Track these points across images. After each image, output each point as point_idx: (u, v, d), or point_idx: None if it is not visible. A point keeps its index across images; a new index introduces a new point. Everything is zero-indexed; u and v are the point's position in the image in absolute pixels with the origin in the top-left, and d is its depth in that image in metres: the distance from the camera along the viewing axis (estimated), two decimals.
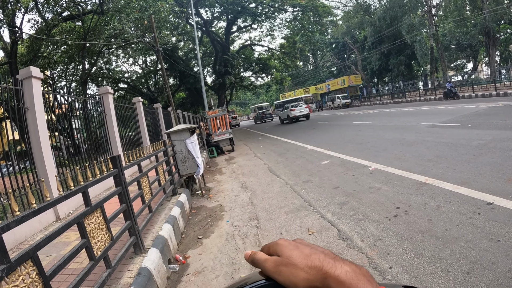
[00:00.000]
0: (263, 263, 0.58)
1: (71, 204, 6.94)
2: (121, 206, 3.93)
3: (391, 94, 40.46)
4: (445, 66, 36.39)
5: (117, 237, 3.54)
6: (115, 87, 36.75)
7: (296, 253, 0.56)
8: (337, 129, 17.25)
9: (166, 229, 4.94)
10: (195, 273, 4.14)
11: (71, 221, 2.75)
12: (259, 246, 4.56)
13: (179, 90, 43.01)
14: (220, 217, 6.26)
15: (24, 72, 6.59)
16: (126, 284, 3.29)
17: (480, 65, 47.07)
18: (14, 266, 1.92)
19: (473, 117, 12.21)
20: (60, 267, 2.40)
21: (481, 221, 3.87)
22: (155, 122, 17.72)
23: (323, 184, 7.08)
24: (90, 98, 9.97)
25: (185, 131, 8.09)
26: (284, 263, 0.55)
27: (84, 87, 24.18)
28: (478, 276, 2.90)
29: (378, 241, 3.94)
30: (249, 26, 41.86)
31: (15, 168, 6.04)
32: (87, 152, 9.81)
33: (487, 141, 7.79)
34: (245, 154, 14.83)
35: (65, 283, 3.15)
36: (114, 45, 26.36)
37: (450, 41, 41.81)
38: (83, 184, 3.11)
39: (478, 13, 32.61)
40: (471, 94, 24.06)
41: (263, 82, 50.74)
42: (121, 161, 4.12)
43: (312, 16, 38.97)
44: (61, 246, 4.79)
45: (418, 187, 5.60)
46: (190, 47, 42.35)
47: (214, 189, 8.76)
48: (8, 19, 17.94)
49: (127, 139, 12.70)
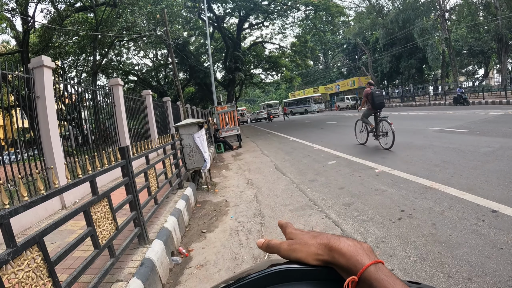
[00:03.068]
0: (279, 246, 0.65)
1: (77, 193, 7.01)
2: (128, 196, 3.97)
3: (401, 97, 40.26)
4: (456, 71, 36.10)
5: (122, 227, 3.58)
6: (125, 79, 36.89)
7: (307, 235, 0.64)
8: (345, 130, 17.19)
9: (170, 222, 4.97)
10: (198, 266, 4.17)
11: (78, 209, 2.78)
12: None
13: (188, 85, 43.03)
14: (224, 212, 6.29)
15: (36, 61, 6.64)
16: (129, 273, 3.32)
17: (492, 72, 46.57)
18: (20, 250, 1.95)
19: (482, 124, 12.12)
20: (65, 254, 2.43)
21: (485, 228, 3.86)
22: (164, 115, 17.78)
23: (329, 184, 7.09)
24: (100, 89, 10.02)
25: (193, 125, 8.12)
26: (298, 243, 0.62)
27: (94, 78, 24.33)
28: (479, 283, 2.89)
29: (381, 243, 3.95)
30: (261, 23, 41.70)
31: (23, 156, 6.10)
32: (95, 143, 9.88)
33: (495, 149, 7.74)
34: (252, 151, 14.85)
35: (69, 270, 3.19)
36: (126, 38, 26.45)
37: (462, 47, 41.41)
38: (91, 173, 3.15)
39: (491, 19, 32.30)
40: (481, 100, 23.88)
41: (272, 80, 50.61)
42: (129, 152, 4.16)
43: (325, 16, 38.73)
44: (66, 234, 4.84)
45: (424, 191, 5.58)
46: (201, 42, 42.32)
47: (220, 184, 8.80)
48: (21, 8, 18.05)
49: (135, 131, 12.77)
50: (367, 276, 0.52)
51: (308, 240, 0.62)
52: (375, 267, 0.52)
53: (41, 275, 2.11)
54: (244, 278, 0.59)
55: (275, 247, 0.65)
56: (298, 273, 0.59)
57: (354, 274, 0.53)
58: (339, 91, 54.52)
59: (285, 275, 0.58)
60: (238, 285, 0.59)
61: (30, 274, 2.01)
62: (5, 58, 19.62)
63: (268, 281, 0.58)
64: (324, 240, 0.60)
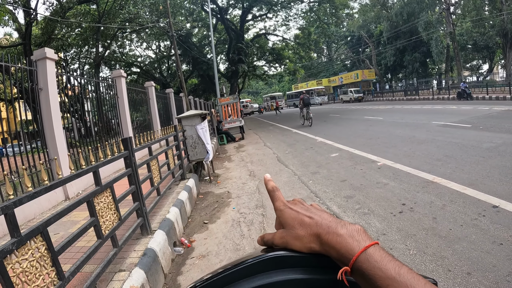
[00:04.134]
0: (271, 240, 0.65)
1: (80, 185, 7.05)
2: (130, 187, 4.00)
3: (404, 91, 40.05)
4: (460, 66, 35.79)
5: (125, 218, 3.61)
6: (128, 71, 36.80)
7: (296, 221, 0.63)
8: (347, 123, 17.19)
9: (173, 213, 5.01)
10: (200, 257, 4.21)
11: (81, 199, 2.81)
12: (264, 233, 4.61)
13: (191, 76, 42.95)
14: (227, 204, 6.32)
15: (39, 53, 6.64)
16: (131, 263, 3.36)
17: (496, 67, 46.24)
18: (24, 240, 1.98)
19: (485, 119, 12.08)
20: (68, 244, 2.46)
21: (486, 223, 3.87)
22: (167, 107, 17.77)
23: (331, 176, 7.11)
24: (103, 80, 10.03)
25: (196, 117, 8.12)
26: (289, 235, 0.62)
27: (97, 70, 24.27)
28: (478, 277, 2.92)
29: (382, 236, 3.97)
30: (264, 15, 41.44)
31: (26, 148, 6.13)
32: (98, 134, 9.91)
33: (497, 144, 7.73)
34: (254, 143, 14.87)
35: (72, 260, 3.22)
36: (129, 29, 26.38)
37: (466, 41, 41.05)
38: (94, 163, 3.17)
39: (496, 14, 32.00)
40: (485, 96, 23.73)
41: (276, 72, 50.50)
42: (132, 143, 4.18)
43: (329, 8, 38.48)
44: (69, 224, 4.88)
45: (425, 185, 5.60)
46: (204, 34, 42.14)
47: (222, 176, 8.83)
48: (23, 0, 17.97)
49: (138, 123, 12.79)
50: (358, 266, 0.52)
51: (299, 231, 0.61)
52: (365, 255, 0.52)
53: (44, 265, 2.14)
54: (241, 263, 0.61)
55: (269, 242, 0.66)
56: (294, 259, 0.60)
57: (347, 264, 0.54)
58: (343, 83, 54.31)
59: (280, 260, 0.60)
60: (234, 270, 0.61)
61: (34, 263, 2.04)
62: (8, 51, 19.60)
63: (264, 266, 0.60)
64: (314, 230, 0.59)
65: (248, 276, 0.60)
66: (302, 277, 0.59)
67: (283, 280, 0.59)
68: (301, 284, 0.58)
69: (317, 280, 0.59)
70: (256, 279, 0.59)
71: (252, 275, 0.60)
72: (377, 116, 18.64)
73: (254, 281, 0.59)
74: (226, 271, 0.61)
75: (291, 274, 0.59)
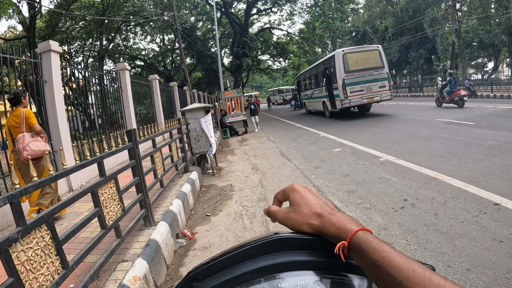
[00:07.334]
0: (276, 212, 0.70)
1: (84, 176, 7.10)
2: (134, 179, 4.03)
3: (409, 87, 39.84)
4: (465, 63, 35.54)
5: (129, 209, 3.65)
6: (132, 64, 36.78)
7: (303, 202, 0.66)
8: (351, 118, 17.15)
9: (176, 205, 5.05)
10: (202, 248, 4.25)
11: (86, 190, 2.84)
12: (266, 226, 4.65)
13: (195, 70, 42.87)
14: (229, 197, 6.36)
15: (43, 46, 6.67)
16: (134, 254, 3.40)
17: (501, 66, 45.94)
18: (30, 228, 2.01)
19: (489, 117, 12.03)
20: (72, 233, 2.50)
21: (486, 221, 3.89)
22: (170, 100, 17.81)
23: (334, 171, 7.13)
24: (107, 73, 10.05)
25: (200, 110, 8.14)
26: (293, 211, 0.66)
27: (101, 63, 24.32)
28: (478, 274, 2.93)
29: (383, 231, 3.99)
30: (269, 9, 41.24)
31: None
32: (102, 127, 9.95)
33: (500, 142, 7.71)
34: (258, 137, 14.90)
35: (76, 251, 3.26)
36: (133, 22, 26.35)
37: (472, 38, 40.74)
38: (99, 155, 3.20)
39: (503, 12, 31.71)
40: (490, 94, 23.54)
41: (280, 66, 50.32)
42: (136, 135, 4.21)
43: (334, 3, 38.32)
44: (72, 215, 4.93)
45: (427, 181, 5.60)
46: (209, 28, 42.02)
47: (225, 169, 8.87)
48: None
49: (142, 116, 12.82)
50: (356, 240, 0.56)
51: (303, 208, 0.65)
52: (363, 232, 0.56)
53: (49, 254, 2.18)
54: (245, 245, 0.63)
55: (273, 214, 0.70)
56: (296, 242, 0.63)
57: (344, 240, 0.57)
58: None
59: (283, 243, 0.63)
60: (239, 251, 0.63)
61: (39, 252, 2.07)
62: (12, 44, 19.61)
63: (267, 248, 0.63)
64: (317, 210, 0.63)
65: (252, 257, 0.63)
66: (304, 259, 0.61)
67: (286, 262, 0.61)
68: (303, 265, 0.61)
69: (318, 262, 0.61)
70: (260, 260, 0.62)
71: (256, 256, 0.63)
72: (380, 111, 18.58)
73: (258, 262, 0.62)
74: (231, 252, 0.64)
75: (294, 256, 0.62)
